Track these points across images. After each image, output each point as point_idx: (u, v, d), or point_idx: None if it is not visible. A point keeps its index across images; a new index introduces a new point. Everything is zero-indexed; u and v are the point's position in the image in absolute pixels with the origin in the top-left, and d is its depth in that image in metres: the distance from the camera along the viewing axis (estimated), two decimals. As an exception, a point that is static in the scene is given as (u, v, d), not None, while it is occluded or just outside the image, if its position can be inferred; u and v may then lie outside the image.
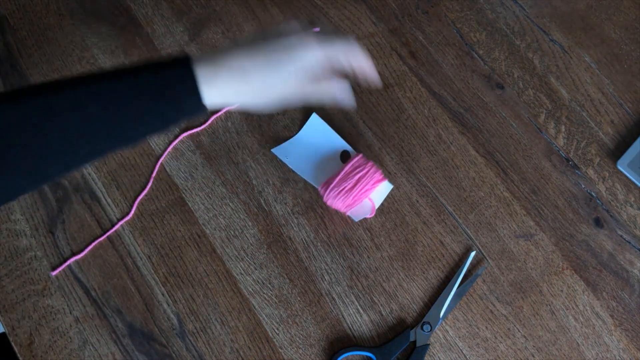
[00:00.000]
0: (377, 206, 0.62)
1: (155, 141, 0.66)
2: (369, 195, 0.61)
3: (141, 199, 0.63)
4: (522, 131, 0.66)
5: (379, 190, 0.63)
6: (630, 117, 0.67)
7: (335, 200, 0.61)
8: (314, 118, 0.66)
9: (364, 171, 0.61)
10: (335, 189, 0.60)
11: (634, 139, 0.65)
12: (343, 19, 0.71)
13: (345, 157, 0.65)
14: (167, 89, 0.46)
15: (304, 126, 0.66)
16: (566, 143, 0.66)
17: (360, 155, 0.62)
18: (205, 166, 0.65)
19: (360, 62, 0.51)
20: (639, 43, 0.70)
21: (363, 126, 0.67)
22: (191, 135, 0.66)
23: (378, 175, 0.61)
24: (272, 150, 0.65)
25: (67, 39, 0.70)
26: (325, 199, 0.61)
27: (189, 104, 0.47)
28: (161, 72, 0.46)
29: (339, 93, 0.51)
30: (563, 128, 0.67)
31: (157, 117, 0.47)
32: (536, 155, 0.66)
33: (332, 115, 0.67)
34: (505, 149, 0.66)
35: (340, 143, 0.65)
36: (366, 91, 0.68)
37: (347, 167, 0.61)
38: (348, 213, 0.62)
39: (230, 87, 0.48)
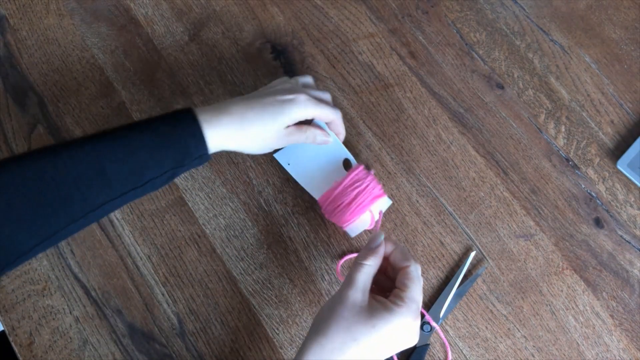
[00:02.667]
0: (376, 219, 0.60)
1: (155, 141, 0.66)
2: (366, 210, 0.59)
3: (141, 199, 0.63)
4: (522, 131, 0.67)
5: (378, 205, 0.61)
6: (630, 117, 0.67)
7: (333, 216, 0.59)
8: (317, 122, 0.64)
9: (363, 186, 0.59)
10: (333, 204, 0.59)
11: (634, 139, 0.65)
12: (343, 19, 0.71)
13: (347, 165, 0.63)
14: (173, 134, 0.52)
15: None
16: (566, 143, 0.66)
17: (361, 168, 0.60)
18: (205, 166, 0.65)
19: (337, 129, 0.61)
20: (639, 43, 0.70)
21: (363, 126, 0.67)
22: (191, 135, 0.66)
23: (377, 190, 0.59)
24: (274, 155, 0.64)
25: (67, 39, 0.70)
26: (323, 212, 0.61)
27: (194, 146, 0.52)
28: (167, 120, 0.52)
29: (320, 139, 0.60)
30: (563, 128, 0.67)
31: (165, 162, 0.52)
32: (536, 155, 0.66)
33: (332, 115, 0.67)
34: (505, 149, 0.66)
35: (342, 151, 0.63)
36: (366, 91, 0.68)
37: (347, 181, 0.59)
38: (345, 228, 0.60)
39: (229, 132, 0.54)
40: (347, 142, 0.66)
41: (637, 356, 0.59)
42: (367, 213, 0.60)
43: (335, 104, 0.67)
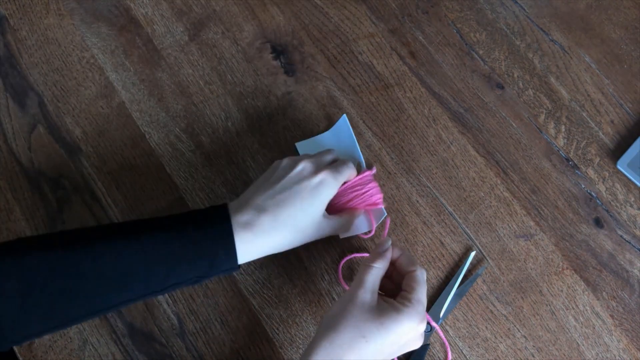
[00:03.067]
0: (368, 228, 0.60)
1: (155, 141, 0.66)
2: (359, 215, 0.60)
3: (141, 199, 0.63)
4: (522, 131, 0.66)
5: (374, 214, 0.60)
6: (630, 117, 0.67)
7: (330, 211, 0.59)
8: (343, 120, 0.63)
9: (361, 192, 0.58)
10: (332, 199, 0.58)
11: (634, 139, 0.65)
12: (343, 19, 0.71)
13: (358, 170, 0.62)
14: (203, 245, 0.49)
15: (333, 127, 0.65)
16: (566, 143, 0.66)
17: (369, 173, 0.60)
18: (205, 166, 0.65)
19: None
20: (639, 43, 0.70)
21: (363, 126, 0.67)
22: (191, 135, 0.66)
23: (374, 199, 0.59)
24: (295, 144, 0.64)
25: (67, 39, 0.70)
26: None
27: (225, 259, 0.50)
28: (200, 222, 0.50)
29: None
30: (563, 128, 0.67)
31: (191, 272, 0.50)
32: (536, 155, 0.66)
33: (332, 115, 0.67)
34: (505, 149, 0.66)
35: (357, 154, 0.63)
36: (366, 91, 0.68)
37: (349, 183, 0.58)
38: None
39: (265, 242, 0.51)
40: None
41: (637, 356, 0.59)
42: (361, 218, 0.60)
43: (335, 103, 0.67)
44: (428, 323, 0.59)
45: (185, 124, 0.66)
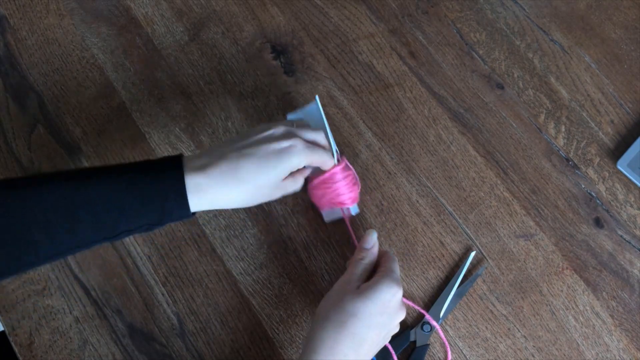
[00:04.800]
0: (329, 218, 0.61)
1: (155, 141, 0.66)
2: (333, 207, 0.60)
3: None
4: (522, 131, 0.66)
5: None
6: (630, 117, 0.67)
7: (312, 198, 0.60)
8: (315, 104, 0.59)
9: (330, 189, 0.58)
10: (312, 190, 0.59)
11: (634, 139, 0.65)
12: (343, 19, 0.71)
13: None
14: (153, 192, 0.48)
15: (303, 108, 0.62)
16: (566, 143, 0.66)
17: (337, 169, 0.58)
18: (205, 166, 0.65)
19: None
20: (639, 43, 0.70)
21: (363, 126, 0.67)
22: (191, 134, 0.66)
23: (341, 198, 0.58)
24: (287, 115, 0.62)
25: (67, 39, 0.70)
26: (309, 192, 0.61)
27: (176, 209, 0.49)
28: (151, 171, 0.48)
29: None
30: (563, 128, 0.67)
31: (140, 220, 0.48)
32: (536, 155, 0.66)
33: (332, 115, 0.67)
34: (505, 149, 0.66)
35: (329, 141, 0.60)
36: (366, 91, 0.68)
37: (321, 177, 0.58)
38: (322, 211, 0.62)
39: (216, 193, 0.50)
40: (347, 142, 0.66)
41: (637, 356, 0.59)
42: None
43: (335, 103, 0.67)
44: (428, 323, 0.59)
45: (185, 124, 0.66)
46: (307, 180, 0.59)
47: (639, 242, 0.62)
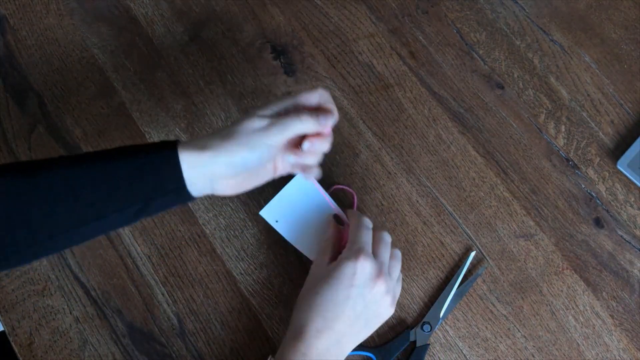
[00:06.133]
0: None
1: (155, 141, 0.66)
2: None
3: (141, 199, 0.63)
4: (522, 131, 0.66)
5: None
6: (630, 117, 0.67)
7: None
8: (297, 179, 0.59)
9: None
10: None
11: (634, 139, 0.65)
12: (343, 19, 0.71)
13: (339, 221, 0.60)
14: (149, 174, 0.46)
15: (289, 184, 0.60)
16: (566, 143, 0.66)
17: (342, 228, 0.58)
18: (205, 166, 0.65)
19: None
20: (639, 43, 0.70)
21: (363, 126, 0.67)
22: (191, 134, 0.66)
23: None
24: (260, 213, 0.60)
25: (67, 39, 0.70)
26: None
27: (167, 177, 0.47)
28: (145, 156, 0.47)
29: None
30: (563, 128, 0.67)
31: (134, 193, 0.47)
32: (536, 155, 0.66)
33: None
34: (505, 149, 0.66)
35: (327, 207, 0.60)
36: (366, 91, 0.68)
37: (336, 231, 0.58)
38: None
39: (214, 171, 0.48)
40: (347, 142, 0.66)
41: (637, 356, 0.59)
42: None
43: (335, 103, 0.67)
44: (428, 323, 0.59)
45: (185, 124, 0.66)
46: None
47: (639, 242, 0.62)
